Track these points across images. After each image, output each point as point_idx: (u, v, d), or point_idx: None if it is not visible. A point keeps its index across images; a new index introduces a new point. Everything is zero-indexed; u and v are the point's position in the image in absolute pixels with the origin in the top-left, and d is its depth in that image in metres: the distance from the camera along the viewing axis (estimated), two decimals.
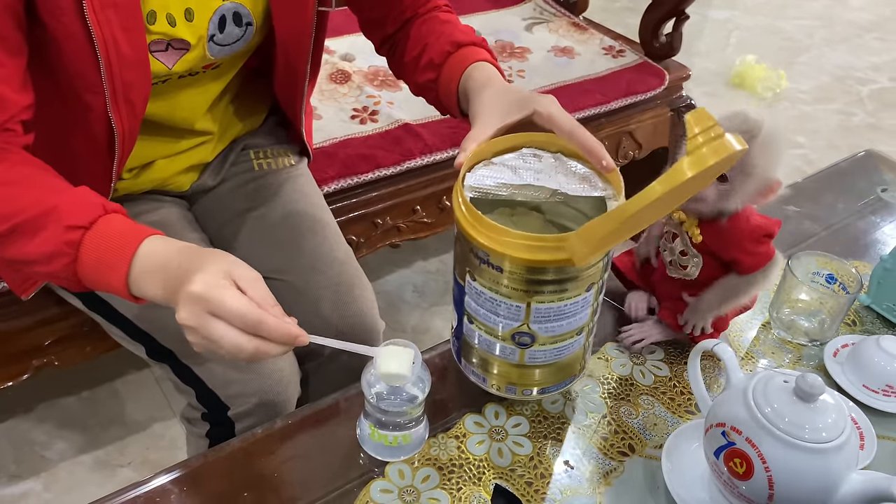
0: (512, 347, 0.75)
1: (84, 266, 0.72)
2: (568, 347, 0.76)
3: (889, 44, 3.25)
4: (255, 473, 0.76)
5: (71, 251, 0.71)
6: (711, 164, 0.60)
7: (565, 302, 0.71)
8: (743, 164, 0.76)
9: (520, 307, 0.71)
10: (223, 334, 0.66)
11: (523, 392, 0.79)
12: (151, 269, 0.70)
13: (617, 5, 2.96)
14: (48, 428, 1.47)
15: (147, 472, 1.19)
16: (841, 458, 0.65)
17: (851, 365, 0.88)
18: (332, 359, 1.04)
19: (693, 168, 0.60)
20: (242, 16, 0.88)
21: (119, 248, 0.71)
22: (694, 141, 0.60)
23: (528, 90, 0.83)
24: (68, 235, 0.71)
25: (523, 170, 0.75)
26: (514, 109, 0.78)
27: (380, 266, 1.88)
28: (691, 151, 0.60)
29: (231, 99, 1.05)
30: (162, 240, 0.73)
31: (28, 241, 0.72)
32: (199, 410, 0.95)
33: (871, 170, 1.27)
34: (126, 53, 0.79)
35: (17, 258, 0.75)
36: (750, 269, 0.83)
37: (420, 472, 0.76)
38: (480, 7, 1.97)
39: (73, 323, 1.18)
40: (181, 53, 0.85)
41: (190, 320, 0.66)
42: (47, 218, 0.71)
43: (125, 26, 0.78)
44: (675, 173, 0.60)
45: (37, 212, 0.72)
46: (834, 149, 2.51)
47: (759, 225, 0.82)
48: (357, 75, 1.65)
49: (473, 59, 0.87)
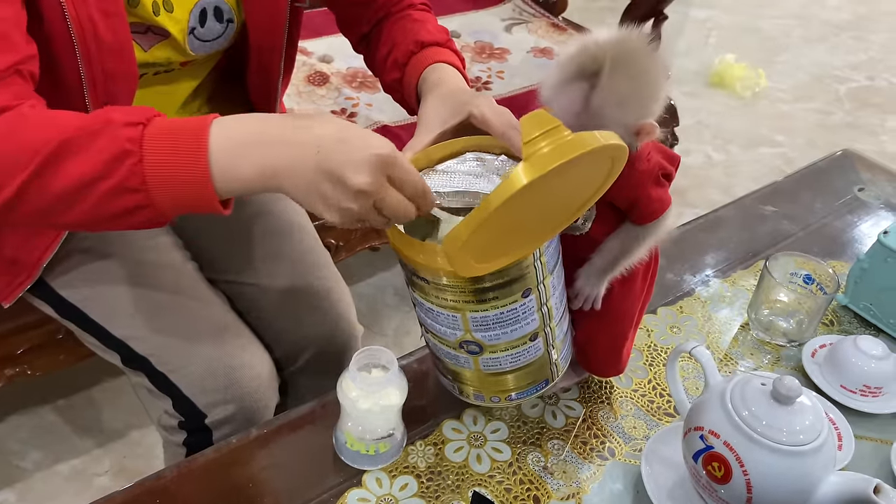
0: (465, 356, 0.73)
1: (153, 162, 0.62)
2: (523, 354, 0.73)
3: (866, 43, 3.28)
4: (231, 483, 0.75)
5: (135, 148, 0.62)
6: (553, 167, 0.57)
7: (500, 310, 0.69)
8: (586, 117, 0.63)
9: (456, 317, 0.70)
10: (394, 202, 0.63)
11: (492, 399, 0.78)
12: (241, 143, 0.63)
13: (596, 6, 2.97)
14: (23, 437, 1.45)
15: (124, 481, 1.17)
16: (819, 460, 0.66)
17: (829, 365, 0.88)
18: (311, 365, 1.04)
19: (530, 174, 0.57)
20: (223, 11, 0.87)
21: (189, 129, 0.63)
22: (531, 146, 0.58)
23: (471, 92, 0.80)
24: (127, 132, 0.62)
25: (460, 175, 0.71)
26: (452, 114, 0.76)
27: (360, 268, 1.87)
28: (528, 157, 0.58)
29: (205, 100, 1.04)
30: (231, 117, 0.65)
31: (81, 154, 0.63)
32: (176, 418, 0.94)
33: (848, 169, 1.28)
34: (105, 39, 0.76)
35: (71, 184, 0.63)
36: (649, 216, 0.72)
37: (398, 481, 0.75)
38: (459, 8, 1.97)
39: (46, 331, 1.16)
40: (159, 39, 0.84)
41: (372, 186, 0.61)
42: (97, 124, 0.63)
43: (104, 10, 0.75)
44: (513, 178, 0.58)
45: (81, 122, 0.63)
46: (813, 147, 2.53)
47: (657, 163, 0.71)
48: (335, 77, 1.64)
49: (432, 60, 0.85)
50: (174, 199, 0.64)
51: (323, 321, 1.00)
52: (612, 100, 0.63)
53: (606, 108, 0.63)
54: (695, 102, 2.71)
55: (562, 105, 0.65)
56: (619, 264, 0.74)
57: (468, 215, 0.60)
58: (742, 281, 1.03)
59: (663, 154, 0.73)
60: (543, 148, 0.58)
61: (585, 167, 0.62)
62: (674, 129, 1.90)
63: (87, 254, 0.93)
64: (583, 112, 0.64)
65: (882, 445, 0.83)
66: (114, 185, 0.63)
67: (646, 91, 0.64)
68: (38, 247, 0.90)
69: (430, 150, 0.73)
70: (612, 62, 0.61)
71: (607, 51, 0.62)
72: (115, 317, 0.93)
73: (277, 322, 1.02)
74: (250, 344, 0.95)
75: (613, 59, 0.61)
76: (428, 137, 0.74)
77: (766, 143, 2.56)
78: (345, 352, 1.04)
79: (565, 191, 0.64)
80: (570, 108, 0.64)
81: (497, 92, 1.64)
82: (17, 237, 0.88)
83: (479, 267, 0.64)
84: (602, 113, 0.63)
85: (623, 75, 0.62)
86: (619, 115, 0.63)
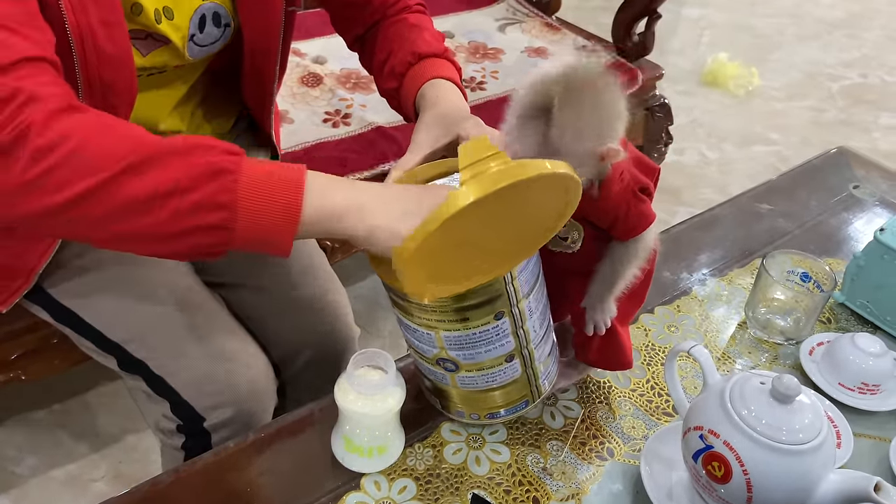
0: (442, 372, 0.74)
1: (249, 180, 0.62)
2: (499, 374, 0.73)
3: (858, 40, 3.29)
4: (229, 488, 0.74)
5: (234, 167, 0.62)
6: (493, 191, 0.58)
7: (472, 331, 0.69)
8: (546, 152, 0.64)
9: (431, 335, 0.70)
10: None
11: (471, 416, 0.78)
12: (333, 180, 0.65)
13: (589, 5, 2.97)
14: (18, 443, 1.44)
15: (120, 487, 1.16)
16: (818, 458, 0.65)
17: (827, 363, 0.88)
18: (309, 367, 1.03)
19: (475, 192, 0.58)
20: (221, 16, 0.87)
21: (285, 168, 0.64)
22: (473, 168, 0.59)
23: (463, 113, 0.81)
24: (226, 156, 0.63)
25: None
26: (442, 135, 0.78)
27: (356, 270, 1.86)
28: (472, 177, 0.58)
29: (199, 101, 1.03)
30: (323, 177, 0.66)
31: (172, 165, 0.61)
32: (174, 422, 0.94)
33: (842, 167, 1.28)
34: (105, 49, 0.75)
35: (150, 191, 0.61)
36: (630, 232, 0.72)
37: (396, 484, 0.75)
38: (453, 8, 1.97)
39: (40, 336, 1.15)
40: (158, 45, 0.83)
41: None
42: (188, 146, 0.63)
43: (104, 20, 0.74)
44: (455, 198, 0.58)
45: (178, 142, 0.63)
46: (807, 145, 2.54)
47: (631, 180, 0.70)
48: (329, 78, 1.63)
49: (430, 76, 0.86)
50: (254, 229, 0.63)
51: (320, 323, 1.00)
52: (568, 133, 0.63)
53: (564, 140, 0.63)
54: (688, 101, 2.72)
55: (523, 144, 0.65)
56: (616, 287, 0.74)
57: (413, 231, 0.60)
58: (739, 279, 1.03)
59: (642, 167, 0.72)
60: (492, 168, 0.58)
61: (536, 195, 0.62)
62: (668, 127, 1.91)
63: (83, 258, 0.93)
64: (543, 148, 0.64)
65: (881, 443, 0.83)
66: (201, 198, 0.61)
67: (601, 117, 0.64)
68: (34, 254, 0.89)
69: (418, 169, 0.75)
70: (561, 97, 0.62)
71: (555, 86, 0.62)
72: (111, 321, 0.92)
73: (274, 324, 1.01)
74: (248, 346, 0.95)
75: (562, 93, 0.62)
76: (418, 157, 0.77)
77: (760, 142, 2.57)
78: (342, 354, 1.04)
79: (521, 217, 0.64)
80: (532, 147, 0.64)
81: (491, 92, 1.64)
82: (14, 245, 0.88)
83: (437, 288, 0.64)
84: (561, 145, 0.63)
85: (574, 107, 0.62)
86: (577, 146, 0.63)
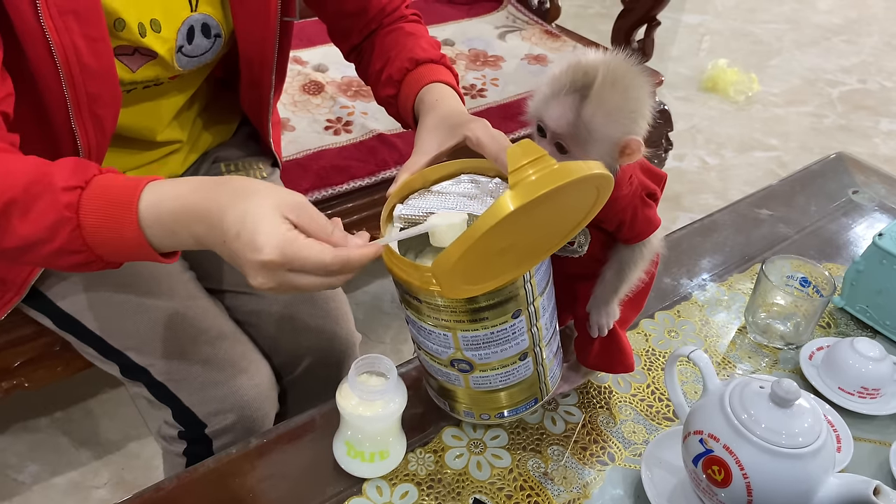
0: (455, 374, 0.74)
1: (90, 229, 0.65)
2: (513, 373, 0.74)
3: (857, 46, 3.30)
4: (231, 494, 0.75)
5: (71, 214, 0.65)
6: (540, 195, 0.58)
7: (491, 330, 0.69)
8: (577, 127, 0.66)
9: (447, 335, 0.70)
10: (308, 284, 0.64)
11: (482, 416, 0.78)
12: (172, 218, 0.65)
13: (589, 12, 2.98)
14: (20, 450, 1.44)
15: (122, 494, 1.17)
16: (818, 462, 0.66)
17: (827, 368, 0.88)
18: (310, 373, 1.03)
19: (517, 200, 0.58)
20: (211, 27, 0.87)
21: (121, 198, 0.65)
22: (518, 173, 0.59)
23: (467, 115, 0.82)
24: (65, 198, 0.65)
25: (455, 196, 0.73)
26: (448, 137, 0.78)
27: (357, 276, 1.86)
28: (514, 184, 0.59)
29: (200, 110, 1.04)
30: (169, 182, 0.67)
31: (24, 218, 0.66)
32: (176, 428, 0.94)
33: (841, 172, 1.29)
34: (89, 64, 0.77)
35: (17, 244, 0.67)
36: (636, 237, 0.74)
37: (398, 489, 0.75)
38: (453, 16, 1.98)
39: (43, 343, 1.15)
40: (146, 60, 0.84)
41: (269, 284, 0.63)
42: (40, 186, 0.65)
43: (88, 35, 0.75)
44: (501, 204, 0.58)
45: (28, 180, 0.65)
46: (806, 151, 2.55)
47: (639, 185, 0.72)
48: (330, 86, 1.64)
49: (428, 80, 0.87)
50: (119, 255, 0.69)
51: (321, 329, 1.00)
52: (602, 110, 0.65)
53: (596, 119, 0.65)
54: (688, 107, 2.73)
55: (553, 115, 0.66)
56: (620, 290, 0.76)
57: (456, 239, 0.61)
58: (738, 284, 1.03)
59: (649, 173, 0.74)
60: (531, 175, 0.59)
61: (571, 195, 0.63)
62: (668, 134, 1.91)
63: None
64: (573, 122, 0.66)
65: (880, 447, 0.83)
66: (57, 247, 0.66)
67: (633, 106, 0.66)
68: (24, 266, 0.90)
69: (426, 171, 0.75)
70: (604, 76, 0.64)
71: (599, 66, 0.65)
72: (113, 327, 0.93)
73: (276, 331, 1.01)
74: (249, 353, 0.95)
75: (605, 73, 0.65)
76: (424, 159, 0.76)
77: (759, 147, 2.58)
78: (343, 360, 1.04)
79: (553, 217, 0.65)
80: (562, 118, 0.66)
81: (492, 99, 1.65)
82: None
83: (468, 289, 0.65)
84: (592, 122, 0.65)
85: (613, 89, 0.65)
86: (607, 127, 0.65)
